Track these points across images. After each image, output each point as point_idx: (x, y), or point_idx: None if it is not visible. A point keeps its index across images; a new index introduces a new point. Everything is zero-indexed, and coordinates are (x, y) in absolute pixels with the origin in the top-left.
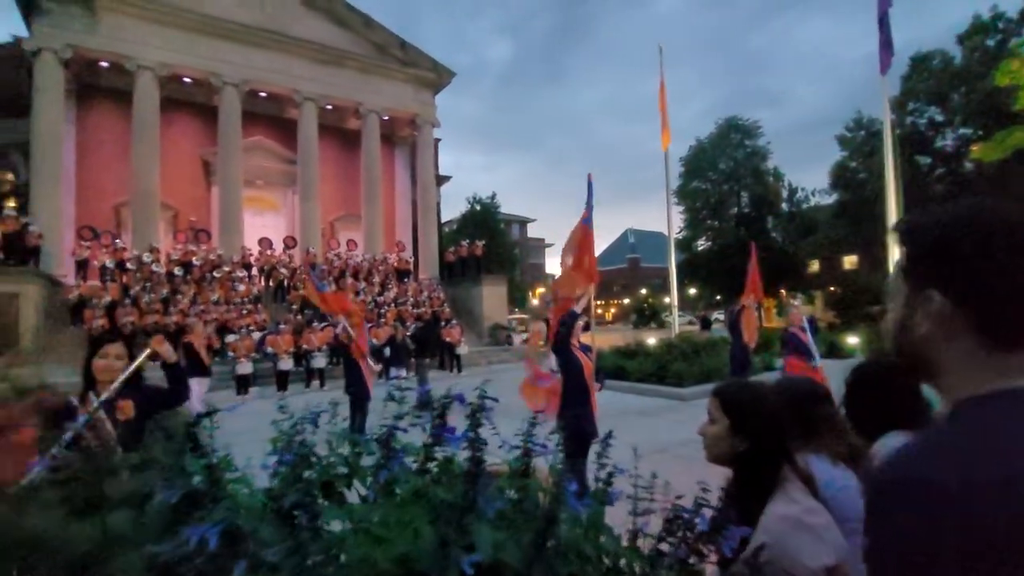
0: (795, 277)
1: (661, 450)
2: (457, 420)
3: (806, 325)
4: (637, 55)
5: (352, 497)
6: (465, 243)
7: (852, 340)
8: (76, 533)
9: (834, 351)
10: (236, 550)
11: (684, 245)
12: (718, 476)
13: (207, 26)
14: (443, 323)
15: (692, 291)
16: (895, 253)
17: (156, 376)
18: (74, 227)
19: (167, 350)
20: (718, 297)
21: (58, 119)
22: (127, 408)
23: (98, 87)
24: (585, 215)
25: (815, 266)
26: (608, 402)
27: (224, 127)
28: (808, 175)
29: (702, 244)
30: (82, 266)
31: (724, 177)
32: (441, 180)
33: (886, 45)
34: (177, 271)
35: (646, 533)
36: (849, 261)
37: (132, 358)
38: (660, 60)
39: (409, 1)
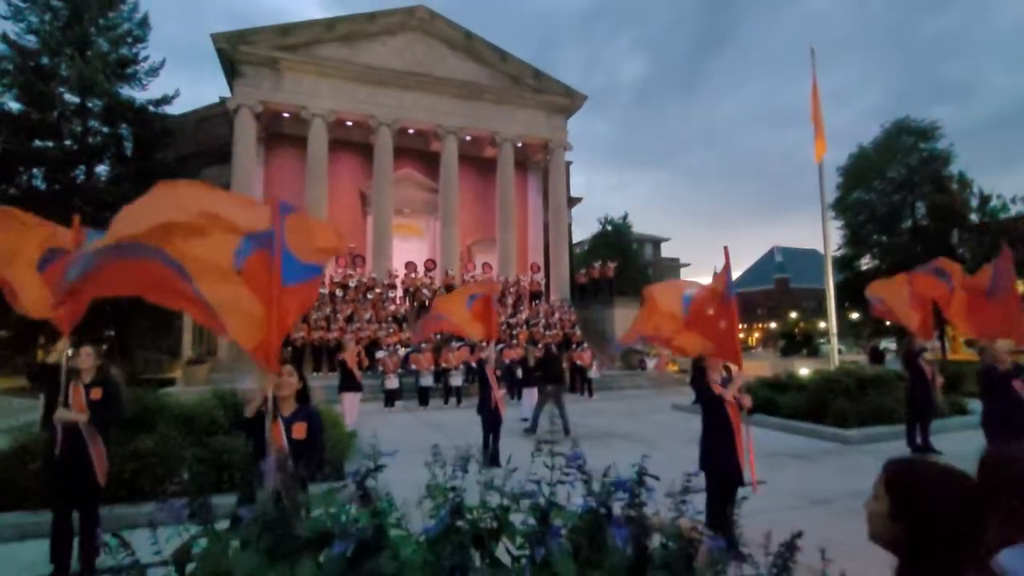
0: None
1: (823, 501)
2: (587, 446)
3: None
4: (786, 57)
5: (501, 552)
6: (596, 264)
7: None
8: None
9: None
10: None
11: (844, 263)
12: None
13: (366, 75)
14: (574, 346)
15: (854, 315)
16: None
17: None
18: None
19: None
20: (887, 323)
21: (251, 163)
22: (300, 430)
23: (281, 134)
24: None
25: (1019, 287)
26: (755, 441)
27: (378, 162)
28: (1006, 179)
29: (866, 263)
30: None
31: (894, 186)
32: (572, 202)
33: None
34: (338, 292)
35: None
36: None
37: (302, 376)
38: (812, 63)
39: (548, 30)
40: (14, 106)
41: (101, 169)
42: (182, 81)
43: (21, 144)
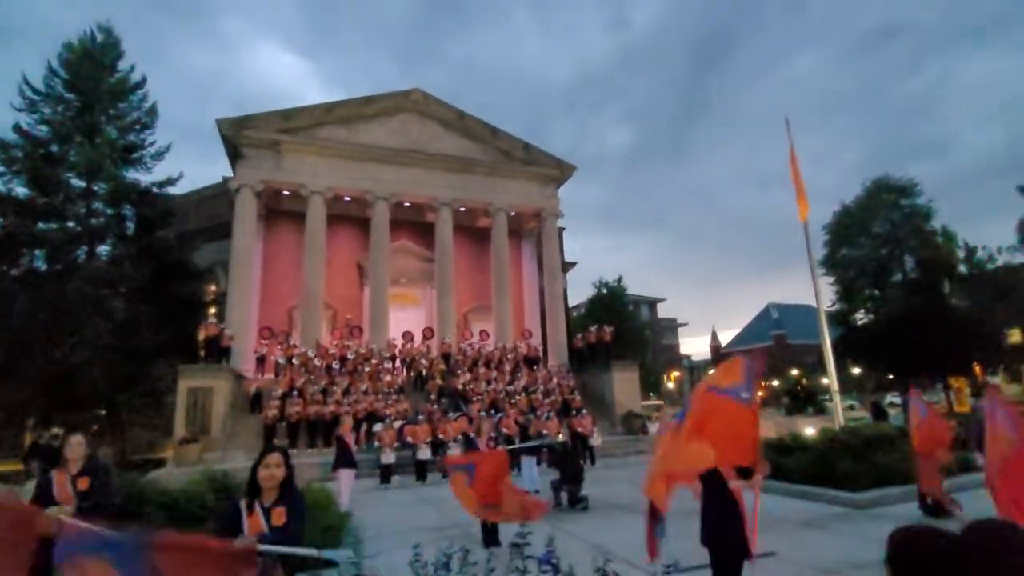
0: (990, 350)
1: (833, 572)
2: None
3: None
4: (767, 120)
5: None
6: (593, 329)
7: None
8: None
9: None
10: None
11: (840, 319)
12: None
13: (363, 153)
14: (573, 412)
15: (856, 370)
16: None
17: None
18: (256, 328)
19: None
20: (890, 376)
21: (251, 239)
22: (280, 515)
23: (280, 211)
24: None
25: (1016, 336)
26: (763, 508)
27: (375, 235)
28: (990, 230)
29: (862, 317)
30: (261, 361)
31: (880, 241)
32: (567, 267)
33: None
34: (335, 364)
35: None
36: None
37: (289, 467)
38: (787, 131)
39: (539, 103)
40: (21, 191)
41: (102, 249)
42: (184, 160)
43: (25, 226)
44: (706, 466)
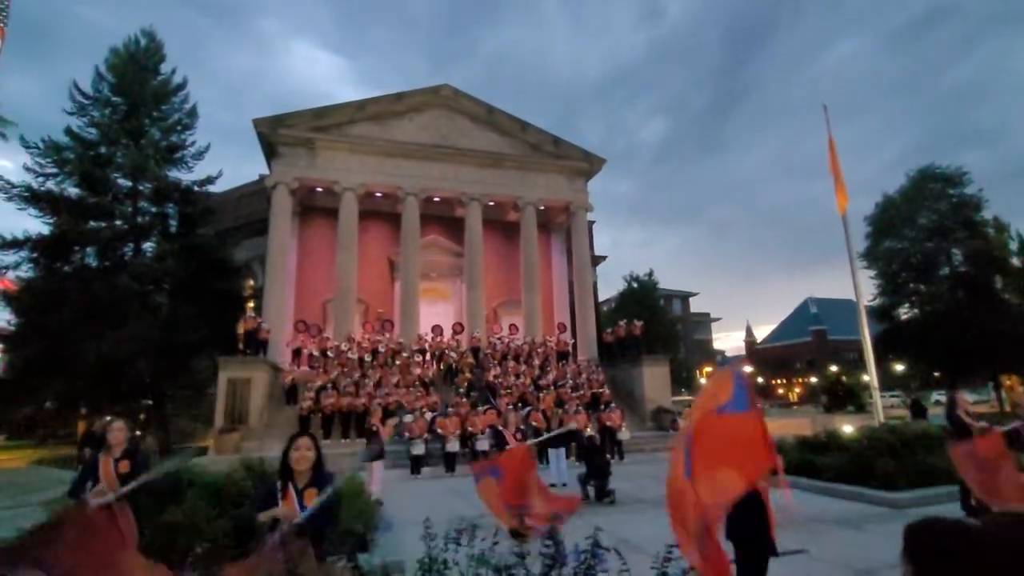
0: None
1: (869, 572)
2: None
3: None
4: (805, 111)
5: None
6: (623, 323)
7: None
8: None
9: None
10: None
11: (882, 313)
12: None
13: (394, 150)
14: (602, 406)
15: (899, 367)
16: None
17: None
18: (292, 321)
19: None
20: (936, 374)
21: (287, 235)
22: (312, 496)
23: (314, 207)
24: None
25: None
26: (795, 505)
27: (406, 230)
28: None
29: (905, 312)
30: (296, 354)
31: (926, 233)
32: (597, 260)
33: None
34: (367, 357)
35: None
36: None
37: (318, 449)
38: (826, 119)
39: (570, 97)
40: (73, 191)
41: (147, 246)
42: (222, 159)
43: (77, 225)
44: (738, 493)
